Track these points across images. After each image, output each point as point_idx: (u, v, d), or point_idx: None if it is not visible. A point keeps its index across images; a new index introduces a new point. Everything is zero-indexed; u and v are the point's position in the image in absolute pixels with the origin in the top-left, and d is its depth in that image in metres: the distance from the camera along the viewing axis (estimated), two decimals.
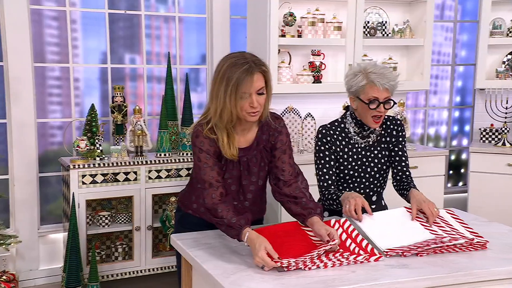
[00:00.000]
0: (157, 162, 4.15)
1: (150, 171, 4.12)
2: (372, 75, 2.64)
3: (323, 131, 2.79)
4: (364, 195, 2.76)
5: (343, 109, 4.54)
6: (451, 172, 5.74)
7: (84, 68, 4.40)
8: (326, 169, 2.75)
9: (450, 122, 5.67)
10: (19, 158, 4.14)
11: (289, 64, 4.44)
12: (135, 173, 4.09)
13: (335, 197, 2.62)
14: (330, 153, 2.76)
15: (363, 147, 2.82)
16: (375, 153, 2.83)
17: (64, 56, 4.31)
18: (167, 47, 4.61)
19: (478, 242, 2.28)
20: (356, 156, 2.80)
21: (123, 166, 4.05)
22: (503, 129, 4.90)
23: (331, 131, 2.79)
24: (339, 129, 2.81)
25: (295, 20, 4.39)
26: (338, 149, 2.78)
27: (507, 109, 4.92)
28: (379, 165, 2.83)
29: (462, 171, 5.82)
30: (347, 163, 2.79)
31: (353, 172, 2.79)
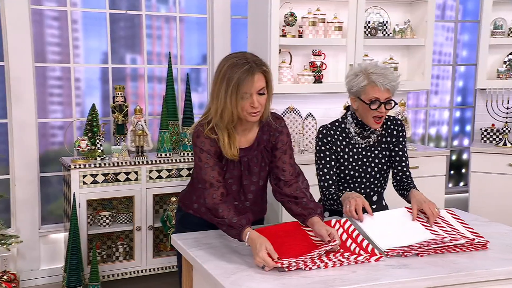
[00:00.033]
0: (158, 162, 4.15)
1: (151, 171, 4.13)
2: (373, 75, 2.63)
3: (324, 131, 2.78)
4: (364, 195, 2.77)
5: (344, 109, 4.54)
6: (452, 172, 5.73)
7: (85, 68, 4.41)
8: (326, 169, 2.75)
9: (451, 122, 5.67)
10: (20, 158, 4.14)
11: (290, 64, 4.44)
12: (136, 173, 4.09)
13: (336, 197, 2.62)
14: (330, 153, 2.76)
15: (363, 147, 2.81)
16: (376, 153, 2.83)
17: (65, 56, 4.32)
18: (168, 47, 4.62)
19: (478, 242, 2.28)
20: (356, 156, 2.80)
21: (124, 166, 4.05)
22: (504, 129, 4.90)
23: (331, 131, 2.79)
24: (339, 129, 2.80)
25: (296, 20, 4.38)
26: (338, 149, 2.78)
27: (508, 109, 4.92)
28: (379, 165, 2.82)
29: (463, 171, 5.81)
30: (348, 163, 2.78)
31: (354, 172, 2.79)
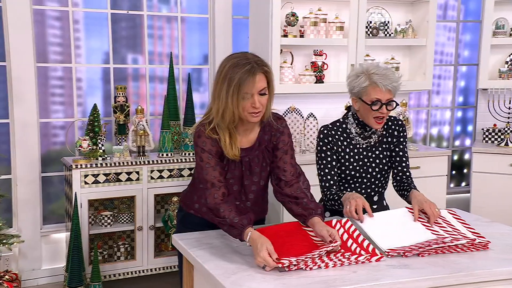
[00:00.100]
0: (159, 162, 4.15)
1: (152, 171, 4.13)
2: (374, 76, 2.63)
3: (325, 131, 2.78)
4: (365, 196, 2.77)
5: (345, 109, 4.53)
6: (453, 172, 5.73)
7: (86, 68, 4.41)
8: (327, 169, 2.74)
9: (452, 122, 5.66)
10: (22, 158, 4.15)
11: (291, 64, 4.44)
12: (137, 173, 4.09)
13: (337, 198, 2.62)
14: (331, 153, 2.76)
15: (364, 147, 2.81)
16: (377, 153, 2.82)
17: (66, 56, 4.32)
18: (169, 47, 4.62)
19: (479, 242, 2.28)
20: (357, 156, 2.79)
21: (125, 166, 4.05)
22: (506, 129, 4.89)
23: (332, 131, 2.79)
24: (340, 129, 2.80)
25: (297, 20, 4.38)
26: (339, 149, 2.78)
27: (510, 109, 4.91)
28: (380, 166, 2.82)
29: (464, 171, 5.80)
30: (349, 163, 2.78)
31: (355, 172, 2.79)
